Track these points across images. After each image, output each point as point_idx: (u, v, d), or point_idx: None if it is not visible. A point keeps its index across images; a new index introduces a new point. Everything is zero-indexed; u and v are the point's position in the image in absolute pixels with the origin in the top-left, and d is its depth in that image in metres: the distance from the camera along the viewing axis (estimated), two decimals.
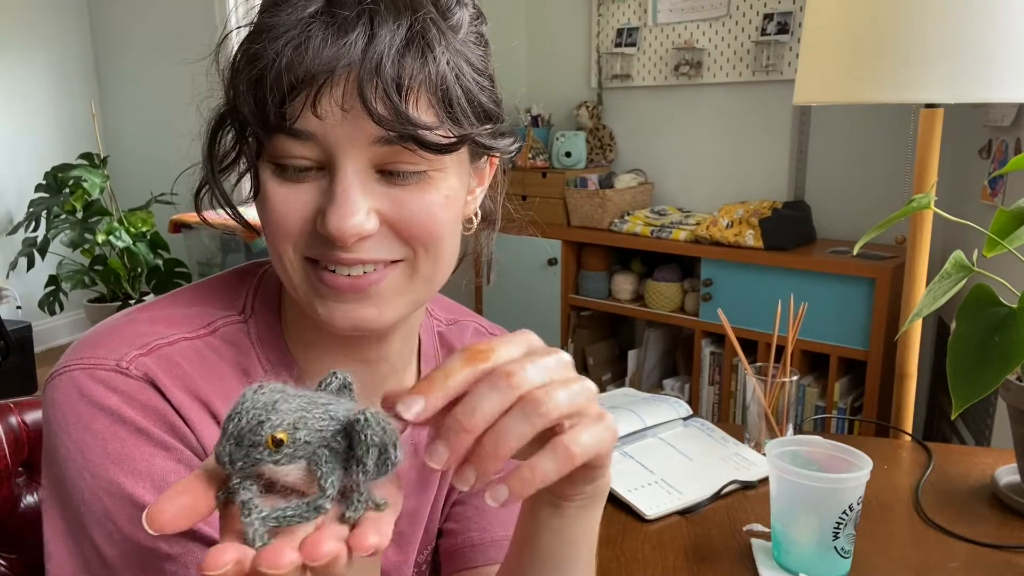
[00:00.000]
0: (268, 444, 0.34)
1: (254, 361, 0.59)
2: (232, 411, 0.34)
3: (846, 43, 1.12)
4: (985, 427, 1.95)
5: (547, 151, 3.03)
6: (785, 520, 0.83)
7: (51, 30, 4.03)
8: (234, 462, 0.34)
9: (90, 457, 0.52)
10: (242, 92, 0.50)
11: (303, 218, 0.52)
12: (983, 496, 0.99)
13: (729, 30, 2.76)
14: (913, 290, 1.22)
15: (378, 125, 0.49)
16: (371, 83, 0.48)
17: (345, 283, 0.53)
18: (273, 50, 0.49)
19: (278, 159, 0.52)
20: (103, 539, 0.51)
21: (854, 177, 2.62)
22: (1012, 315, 0.82)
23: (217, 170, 0.56)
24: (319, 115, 0.49)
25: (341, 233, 0.50)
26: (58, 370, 0.54)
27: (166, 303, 0.60)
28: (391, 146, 0.50)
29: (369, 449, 0.35)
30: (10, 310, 3.77)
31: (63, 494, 0.53)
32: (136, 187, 3.94)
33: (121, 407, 0.52)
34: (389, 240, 0.53)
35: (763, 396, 1.08)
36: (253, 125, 0.51)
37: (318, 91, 0.49)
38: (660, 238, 2.65)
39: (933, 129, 1.18)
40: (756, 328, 2.32)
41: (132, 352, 0.54)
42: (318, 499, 0.35)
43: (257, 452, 0.34)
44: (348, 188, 0.51)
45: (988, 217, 0.95)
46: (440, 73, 0.50)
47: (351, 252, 0.52)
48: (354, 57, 0.48)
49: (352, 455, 0.36)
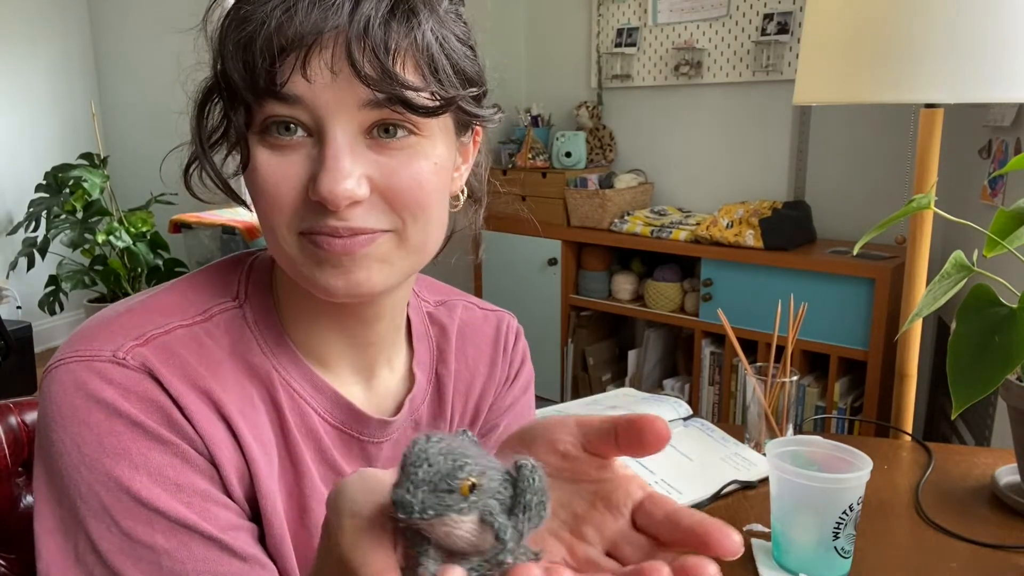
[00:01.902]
0: (463, 491, 0.32)
1: (252, 345, 0.59)
2: (414, 457, 0.33)
3: (846, 43, 1.12)
4: (985, 427, 1.96)
5: (547, 151, 3.03)
6: (785, 520, 0.83)
7: (51, 30, 4.03)
8: (425, 511, 0.32)
9: (86, 451, 0.51)
10: (231, 56, 0.51)
11: (294, 188, 0.53)
12: (983, 496, 0.99)
13: (729, 30, 2.76)
14: (913, 290, 1.22)
15: (366, 86, 0.50)
16: (359, 45, 0.49)
17: (338, 245, 0.53)
18: (262, 13, 0.49)
19: (267, 127, 0.52)
20: (100, 534, 0.51)
21: (854, 177, 2.62)
22: (1012, 315, 0.82)
23: (206, 144, 0.56)
24: (308, 78, 0.50)
25: (333, 196, 0.50)
26: (54, 363, 0.54)
27: (159, 293, 0.60)
28: (380, 110, 0.51)
29: (535, 496, 0.34)
30: (10, 310, 3.78)
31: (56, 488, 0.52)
32: (136, 187, 3.94)
33: (117, 400, 0.52)
34: (379, 209, 0.54)
35: (763, 396, 1.08)
36: (242, 90, 0.51)
37: (307, 53, 0.49)
38: (660, 238, 2.65)
39: (933, 129, 1.18)
40: (756, 328, 2.32)
41: (128, 343, 0.54)
42: (498, 553, 0.33)
43: (450, 499, 0.32)
44: (339, 152, 0.51)
45: (988, 217, 0.95)
46: (425, 39, 0.51)
47: (343, 220, 0.52)
48: (342, 20, 0.49)
49: (518, 504, 0.34)
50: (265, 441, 0.58)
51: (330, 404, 0.62)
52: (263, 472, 0.57)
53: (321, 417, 0.61)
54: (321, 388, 0.62)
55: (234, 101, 0.52)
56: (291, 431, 0.60)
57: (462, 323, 0.75)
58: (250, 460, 0.56)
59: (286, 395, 0.60)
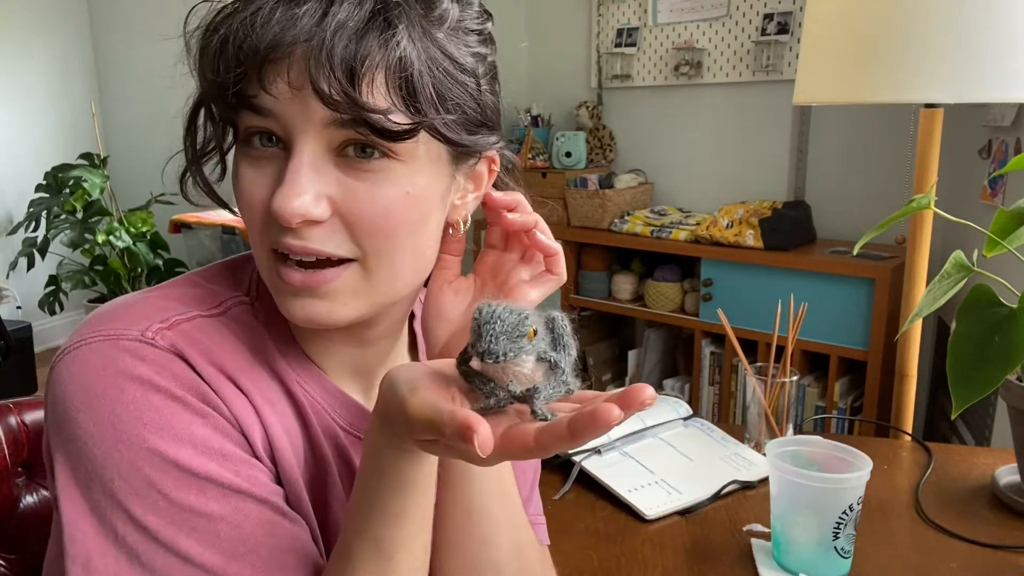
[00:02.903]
0: (530, 335, 0.41)
1: (267, 341, 0.59)
2: (484, 319, 0.40)
3: (846, 43, 1.12)
4: (985, 427, 1.96)
5: (547, 151, 3.03)
6: (785, 520, 0.83)
7: (51, 30, 4.03)
8: (507, 353, 0.40)
9: (123, 428, 0.49)
10: (204, 68, 0.50)
11: (263, 201, 0.52)
12: (983, 496, 0.99)
13: (729, 30, 2.76)
14: (913, 290, 1.22)
15: (325, 106, 0.48)
16: (319, 60, 0.47)
17: (298, 279, 0.53)
18: (228, 23, 0.49)
19: (248, 137, 0.52)
20: (146, 509, 0.49)
21: (854, 177, 2.62)
22: (1012, 315, 0.82)
23: (198, 155, 0.55)
24: (269, 91, 0.49)
25: (283, 213, 0.49)
26: (71, 345, 0.52)
27: (172, 285, 0.59)
28: (345, 129, 0.49)
29: (568, 338, 0.43)
30: (10, 310, 3.77)
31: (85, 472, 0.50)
32: (136, 187, 3.94)
33: (152, 376, 0.50)
34: (340, 235, 0.52)
35: (763, 396, 1.08)
36: (211, 100, 0.51)
37: (262, 66, 0.48)
38: (660, 238, 2.65)
39: (933, 129, 1.18)
40: (756, 328, 2.32)
41: (155, 324, 0.53)
42: (562, 376, 0.42)
43: (522, 342, 0.40)
44: (298, 168, 0.50)
45: (988, 217, 0.95)
46: (404, 57, 0.48)
47: (300, 239, 0.51)
48: (304, 32, 0.47)
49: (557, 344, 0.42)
50: (292, 433, 0.58)
51: (339, 405, 0.62)
52: (288, 462, 0.57)
53: (331, 417, 0.61)
54: (329, 389, 0.62)
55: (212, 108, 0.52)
56: (314, 426, 0.59)
57: None
58: (276, 449, 0.56)
59: (302, 392, 0.60)
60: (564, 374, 0.43)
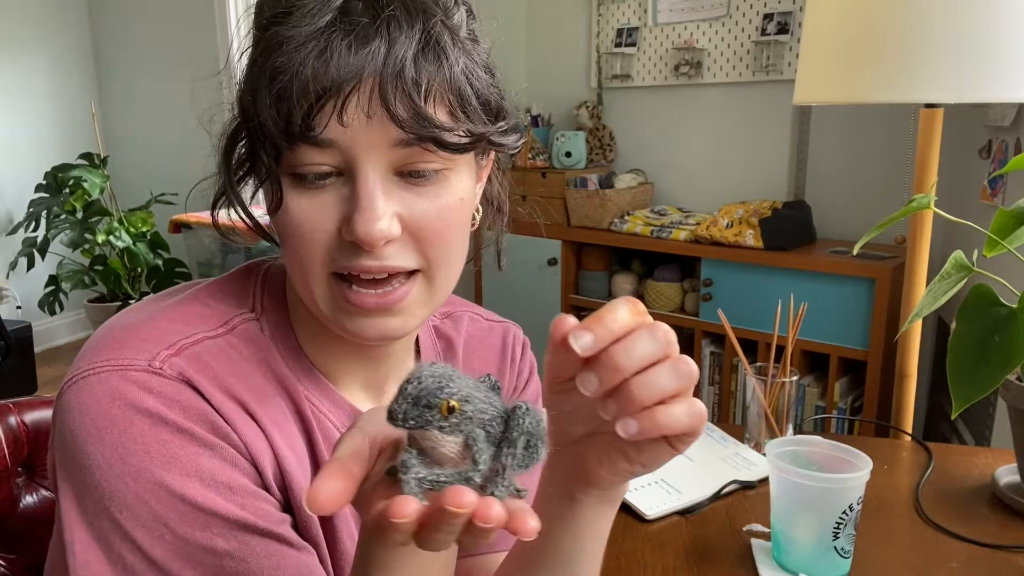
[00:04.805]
0: (442, 409, 0.37)
1: (275, 357, 0.59)
2: (411, 376, 0.38)
3: (846, 43, 1.12)
4: (985, 427, 1.95)
5: (547, 151, 3.03)
6: (785, 520, 0.83)
7: (51, 30, 4.03)
8: (407, 419, 0.37)
9: (131, 461, 0.50)
10: (266, 105, 0.50)
11: (326, 228, 0.53)
12: (983, 496, 0.99)
13: (729, 30, 2.76)
14: (913, 290, 1.22)
15: (400, 128, 0.50)
16: (393, 88, 0.49)
17: (371, 302, 0.54)
18: (296, 61, 0.49)
19: (296, 168, 0.52)
20: (151, 542, 0.50)
21: (854, 177, 2.62)
22: (1012, 315, 0.82)
23: (234, 182, 0.56)
24: (344, 123, 0.50)
25: (370, 237, 0.51)
26: (80, 373, 0.52)
27: (175, 303, 0.59)
28: (410, 148, 0.51)
29: (522, 436, 0.39)
30: (10, 310, 3.77)
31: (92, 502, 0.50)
32: (136, 187, 3.94)
33: (160, 408, 0.51)
34: (409, 248, 0.54)
35: (763, 396, 1.08)
36: (277, 137, 0.51)
37: (344, 99, 0.49)
38: (660, 238, 2.65)
39: (933, 129, 1.18)
40: (756, 328, 2.32)
41: (162, 352, 0.53)
42: (469, 471, 0.38)
43: (430, 414, 0.37)
44: (372, 192, 0.51)
45: (988, 217, 0.95)
46: (454, 75, 0.52)
47: (376, 259, 0.53)
48: (377, 64, 0.49)
49: (505, 440, 0.39)
50: (299, 453, 0.58)
51: (348, 419, 0.62)
52: (298, 484, 0.57)
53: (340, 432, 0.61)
54: (339, 403, 0.62)
55: (265, 145, 0.52)
56: (319, 444, 0.59)
57: (468, 336, 0.75)
58: (285, 472, 0.56)
59: (310, 408, 0.60)
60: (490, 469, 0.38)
